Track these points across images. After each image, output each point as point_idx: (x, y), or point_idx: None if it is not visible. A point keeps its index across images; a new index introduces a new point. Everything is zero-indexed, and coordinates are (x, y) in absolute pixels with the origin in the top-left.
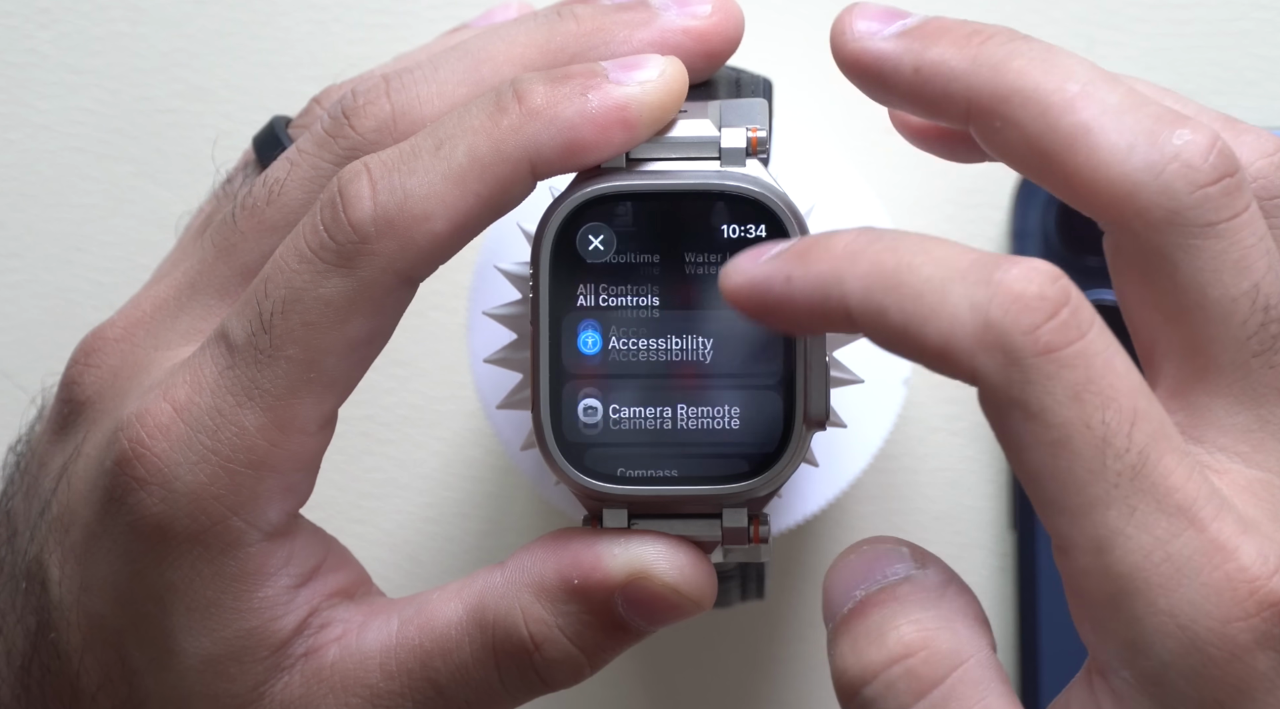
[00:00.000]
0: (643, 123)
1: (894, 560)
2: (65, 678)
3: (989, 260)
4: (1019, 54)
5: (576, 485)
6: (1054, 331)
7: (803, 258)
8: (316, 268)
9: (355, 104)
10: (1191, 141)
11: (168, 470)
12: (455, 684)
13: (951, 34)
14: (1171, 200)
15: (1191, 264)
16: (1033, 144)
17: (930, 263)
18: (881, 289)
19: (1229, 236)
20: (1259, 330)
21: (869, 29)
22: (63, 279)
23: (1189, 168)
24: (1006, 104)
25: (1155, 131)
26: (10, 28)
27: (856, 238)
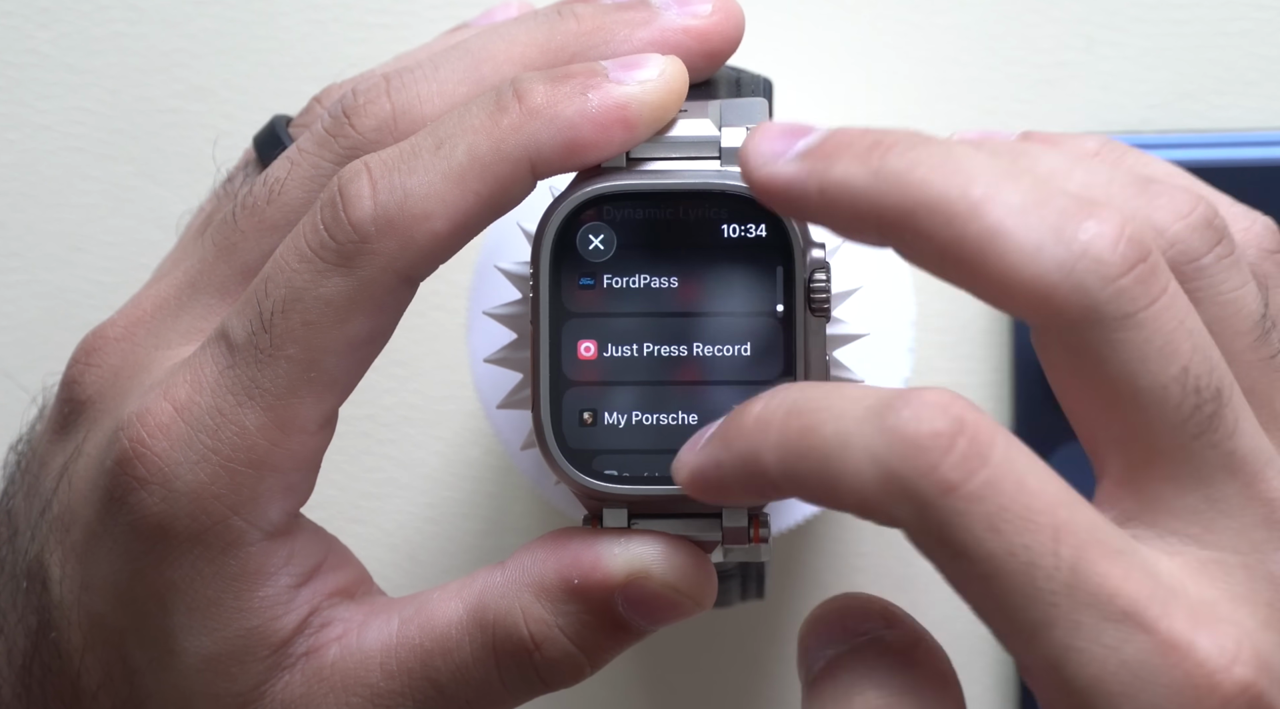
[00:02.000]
0: (643, 122)
1: (864, 620)
2: (66, 677)
3: (881, 406)
4: (919, 162)
5: (576, 485)
6: (953, 468)
7: (725, 441)
8: (317, 267)
9: (355, 103)
10: (1099, 234)
11: (168, 470)
12: (455, 683)
13: (851, 149)
14: (1086, 297)
15: (1116, 357)
16: (944, 254)
17: (830, 421)
18: (794, 458)
19: (1150, 324)
20: (1194, 413)
21: (772, 151)
22: (63, 279)
23: (1099, 263)
24: (913, 217)
25: (1061, 227)
26: (10, 28)
27: (764, 408)
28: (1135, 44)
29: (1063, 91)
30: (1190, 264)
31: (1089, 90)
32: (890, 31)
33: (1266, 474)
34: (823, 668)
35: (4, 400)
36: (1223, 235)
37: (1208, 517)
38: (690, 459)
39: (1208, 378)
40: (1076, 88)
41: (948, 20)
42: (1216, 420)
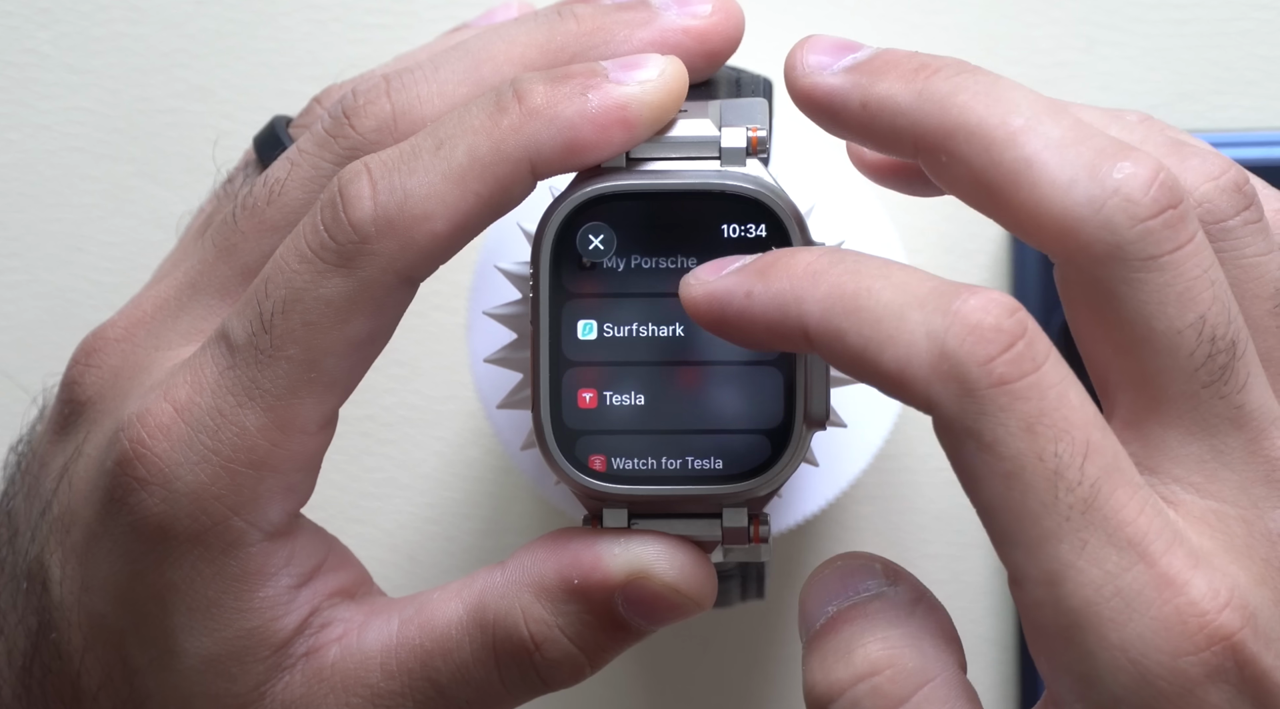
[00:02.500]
0: (643, 122)
1: (866, 576)
2: (66, 678)
3: (948, 289)
4: (964, 88)
5: (577, 485)
6: (1009, 364)
7: (764, 274)
8: (317, 268)
9: (356, 104)
10: (1133, 174)
11: (169, 471)
12: (455, 684)
13: (898, 68)
14: (1112, 235)
15: (1135, 297)
16: (977, 179)
17: (890, 288)
18: (840, 312)
19: (1172, 269)
20: (1206, 362)
21: (819, 63)
22: (63, 279)
23: (1129, 202)
24: (951, 139)
25: (1097, 165)
26: (10, 28)
27: (819, 258)
28: (1135, 44)
29: (1063, 91)
30: (1217, 225)
31: (1089, 90)
32: (890, 31)
33: (1271, 433)
34: (824, 624)
35: (4, 401)
36: (1251, 201)
37: (1210, 467)
38: (712, 281)
39: (1224, 329)
40: (1076, 88)
41: (948, 20)
42: (1228, 373)
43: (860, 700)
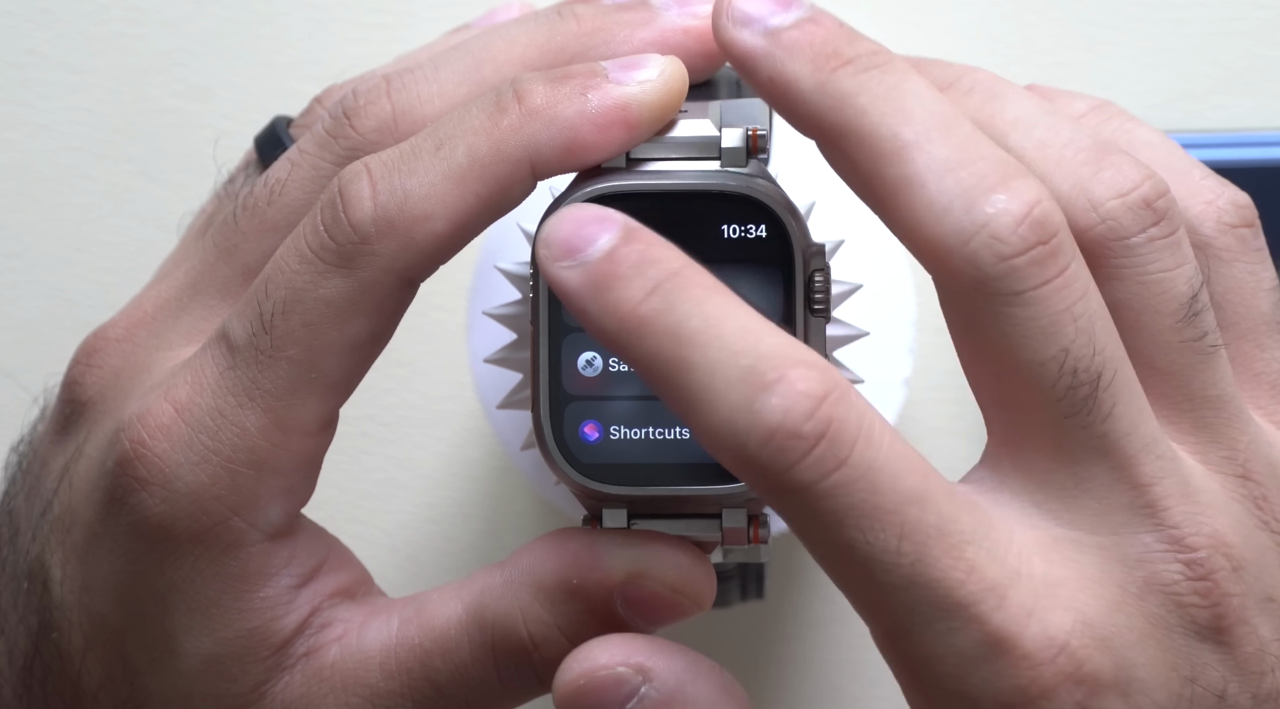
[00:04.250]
0: (643, 123)
1: (619, 687)
2: (67, 678)
3: (758, 374)
4: (865, 89)
5: (576, 485)
6: (809, 468)
7: (596, 297)
8: (317, 268)
9: (356, 104)
10: (1004, 210)
11: (169, 471)
12: (454, 684)
13: (811, 50)
14: (977, 270)
15: (999, 329)
16: (864, 186)
17: (703, 365)
18: (660, 381)
19: (1036, 304)
20: (1068, 394)
21: (745, 15)
22: (63, 279)
23: (995, 240)
24: (844, 141)
25: (972, 195)
26: (10, 28)
27: (646, 299)
28: (1135, 44)
29: (1064, 83)
30: (1118, 241)
31: (1090, 89)
32: (890, 30)
33: (1140, 459)
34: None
35: (5, 401)
36: (1162, 216)
37: (1071, 494)
38: (558, 273)
39: (1088, 361)
40: (1076, 87)
41: (947, 20)
42: (1091, 403)
43: None
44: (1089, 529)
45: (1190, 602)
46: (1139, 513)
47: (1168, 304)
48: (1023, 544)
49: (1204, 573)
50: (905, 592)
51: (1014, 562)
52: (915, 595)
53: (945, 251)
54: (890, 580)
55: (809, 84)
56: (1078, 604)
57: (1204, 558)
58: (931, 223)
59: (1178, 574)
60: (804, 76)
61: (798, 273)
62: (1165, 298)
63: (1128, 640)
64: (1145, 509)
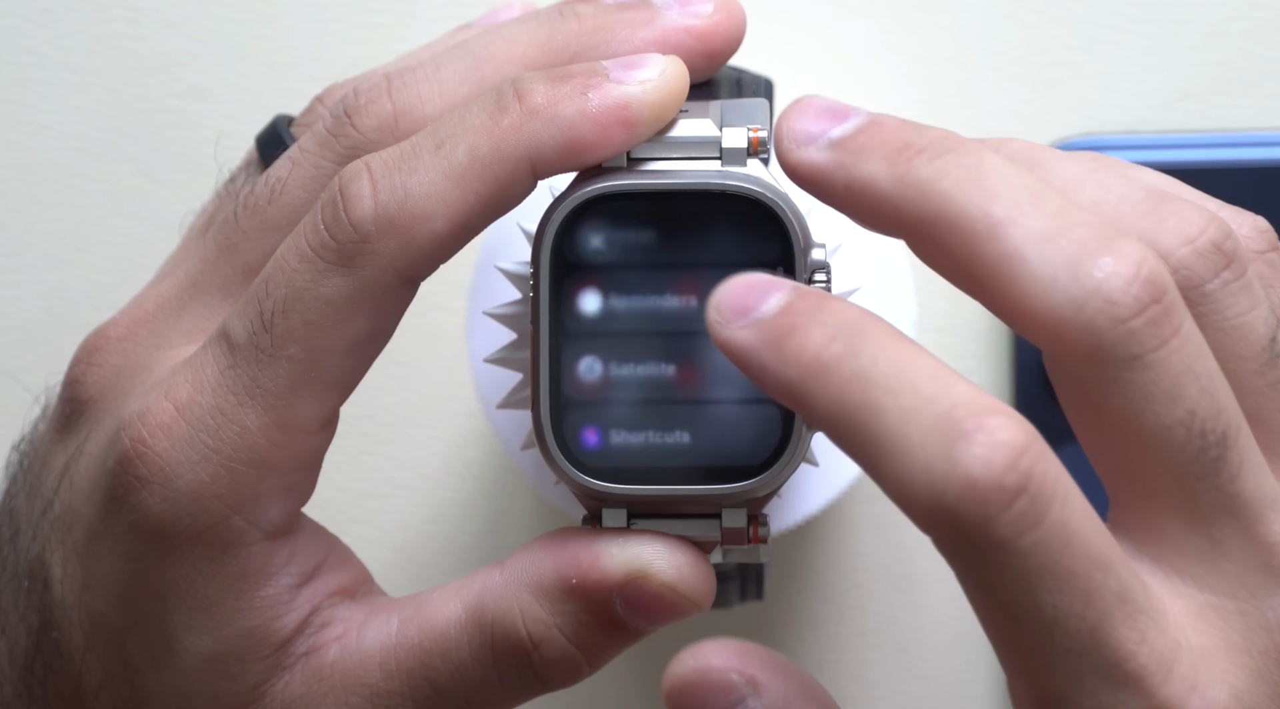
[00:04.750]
0: (643, 122)
1: (724, 693)
2: (67, 676)
3: (954, 423)
4: (946, 173)
5: (576, 485)
6: (1008, 525)
7: (777, 349)
8: (317, 267)
9: (357, 103)
10: (1114, 273)
11: (169, 469)
12: (454, 683)
13: (882, 147)
14: (1094, 338)
15: (1122, 395)
16: (961, 269)
17: (895, 411)
18: (847, 427)
19: (1157, 367)
20: (1198, 456)
21: (807, 134)
22: (64, 278)
23: (1111, 304)
24: (933, 228)
25: (1078, 261)
26: (10, 28)
27: (829, 344)
28: (1136, 44)
29: (1063, 91)
30: (1195, 290)
31: (1089, 90)
32: (891, 31)
33: (1267, 517)
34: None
35: (6, 400)
36: (1232, 258)
37: (1210, 558)
38: (730, 331)
39: (1214, 421)
40: (1077, 87)
41: (948, 20)
42: (1220, 463)
43: None
44: (1230, 594)
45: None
46: (1274, 574)
47: (1249, 348)
48: (1176, 614)
49: None
50: (1081, 658)
51: (1174, 632)
52: (1090, 663)
53: (1058, 323)
54: (1069, 646)
55: (887, 180)
56: (1229, 676)
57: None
58: (1039, 296)
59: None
60: (881, 175)
61: (798, 273)
62: (1246, 342)
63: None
64: (1279, 570)
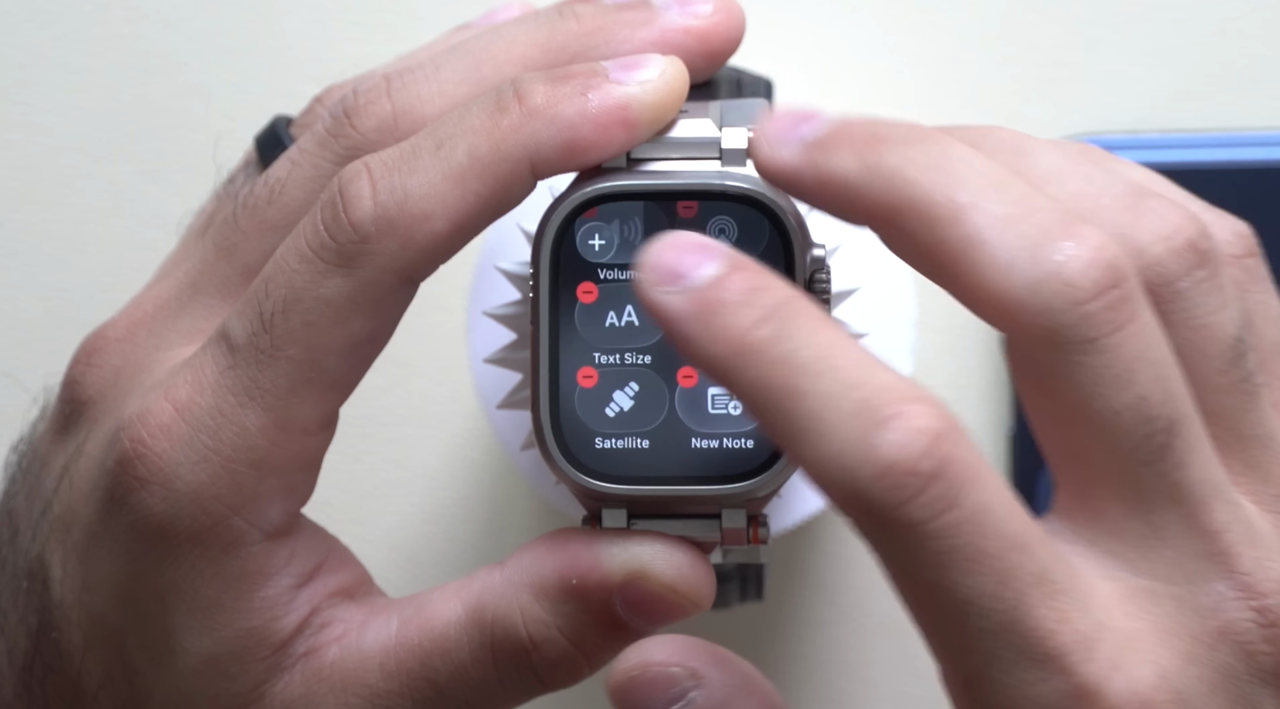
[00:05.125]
0: (643, 123)
1: (667, 687)
2: (67, 677)
3: (873, 409)
4: (912, 162)
5: (576, 485)
6: (921, 507)
7: (704, 323)
8: (317, 267)
9: (356, 103)
10: (1074, 256)
11: (169, 470)
12: (454, 684)
13: (850, 140)
14: (1050, 319)
15: (1074, 378)
16: (924, 254)
17: (816, 395)
18: (767, 408)
19: (1111, 351)
20: (1145, 441)
21: (779, 137)
22: (63, 279)
23: (1068, 286)
24: (899, 215)
25: (1039, 245)
26: (10, 28)
27: (756, 326)
28: (1136, 44)
29: (1063, 91)
30: (1166, 286)
31: (1089, 89)
32: (891, 31)
33: (1211, 505)
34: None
35: (5, 401)
36: (1206, 258)
37: (1148, 543)
38: (660, 296)
39: (1162, 408)
40: (1077, 87)
41: (946, 20)
42: (1165, 450)
43: None
44: (1165, 579)
45: (1259, 650)
46: (1212, 561)
47: (1215, 347)
48: (1104, 595)
49: (1274, 619)
50: (997, 638)
51: (1098, 613)
52: (1006, 642)
53: (1015, 305)
54: (984, 625)
55: (855, 170)
56: (1157, 657)
57: (1273, 604)
58: (998, 278)
59: (1249, 622)
60: (849, 164)
61: (798, 273)
62: (1212, 341)
63: (1200, 693)
64: (1217, 557)
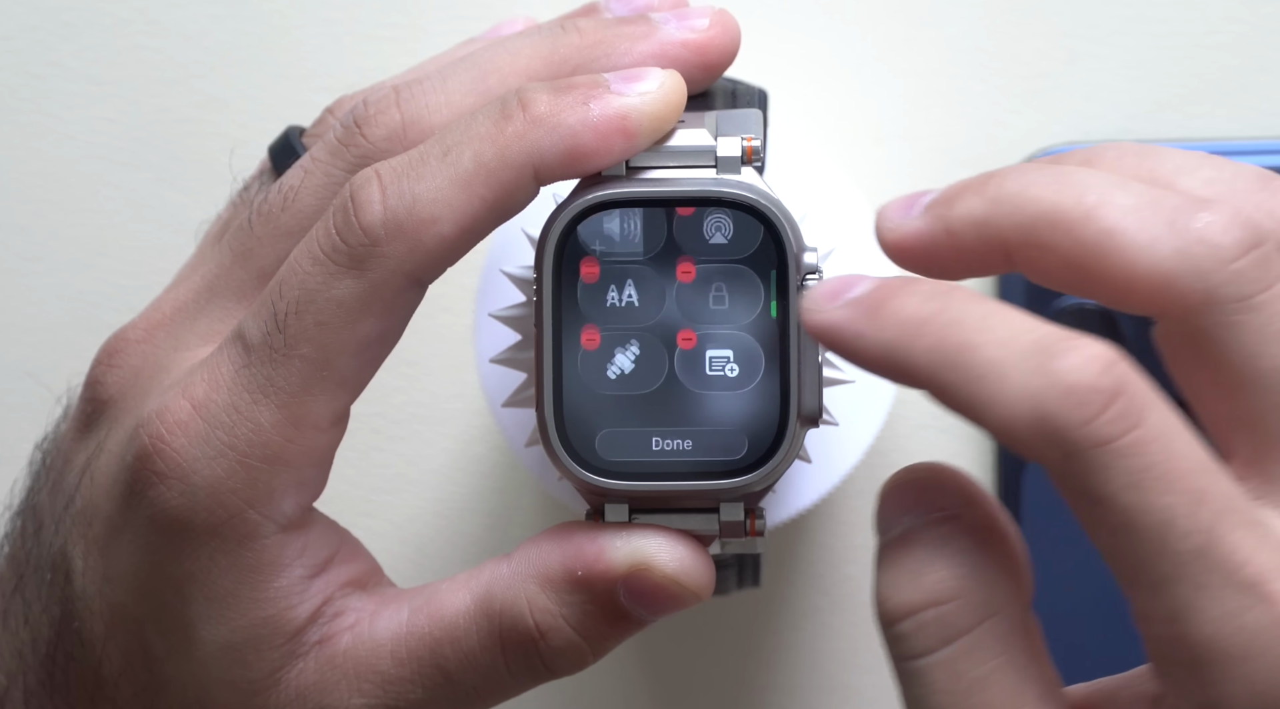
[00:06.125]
0: (642, 132)
1: (944, 495)
2: (88, 665)
3: (1047, 345)
4: (1032, 182)
5: (579, 481)
6: (1109, 424)
7: (873, 317)
8: (329, 270)
9: (366, 113)
10: (1212, 222)
11: (186, 465)
12: (463, 670)
13: (968, 187)
14: (1203, 281)
15: (1236, 340)
16: (1068, 262)
17: (991, 344)
18: (945, 367)
19: (1269, 308)
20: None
21: (899, 215)
22: (85, 282)
23: (1214, 247)
24: (1034, 232)
25: (1175, 220)
26: (35, 40)
27: (924, 304)
28: (1116, 57)
29: (1047, 101)
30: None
31: (1072, 100)
32: (880, 44)
33: None
34: (898, 537)
35: (29, 400)
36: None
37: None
38: (826, 312)
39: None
40: (1060, 98)
41: (935, 33)
42: None
43: (926, 625)
44: None
45: None
46: None
47: None
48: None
49: None
50: (1198, 561)
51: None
52: (1208, 565)
53: (1166, 276)
54: (1183, 548)
55: (981, 206)
56: None
57: None
58: (1145, 257)
59: None
60: (974, 204)
61: (792, 276)
62: None
63: None
64: None
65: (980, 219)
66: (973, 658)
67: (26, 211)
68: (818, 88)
